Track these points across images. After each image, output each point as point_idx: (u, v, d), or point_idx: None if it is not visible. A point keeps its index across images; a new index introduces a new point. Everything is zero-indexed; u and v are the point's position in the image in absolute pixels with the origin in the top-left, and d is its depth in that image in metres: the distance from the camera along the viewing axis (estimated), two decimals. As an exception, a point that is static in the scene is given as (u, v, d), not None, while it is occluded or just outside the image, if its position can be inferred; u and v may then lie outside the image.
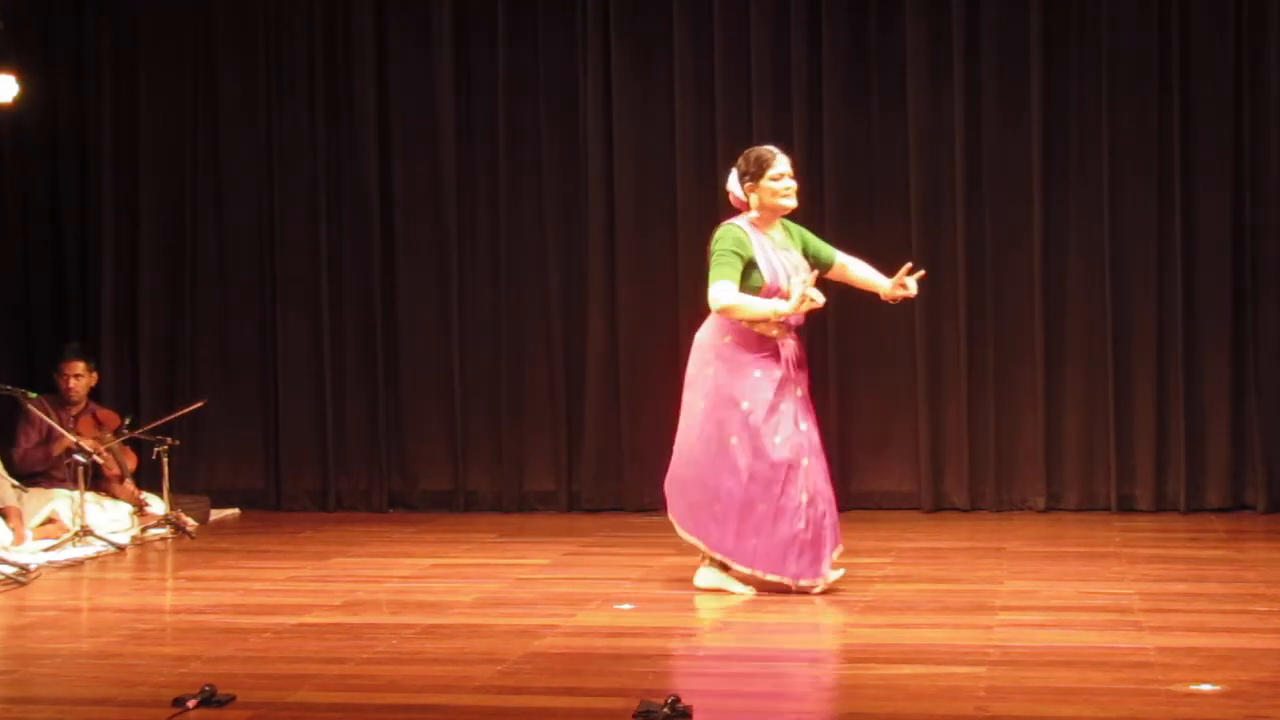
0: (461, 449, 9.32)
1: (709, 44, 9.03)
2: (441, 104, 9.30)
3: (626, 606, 6.30)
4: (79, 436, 8.35)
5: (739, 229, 6.43)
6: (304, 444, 9.48)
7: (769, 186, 6.44)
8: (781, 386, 6.37)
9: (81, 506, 8.01)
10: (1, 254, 9.55)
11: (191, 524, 8.56)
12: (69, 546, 7.86)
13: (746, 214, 6.50)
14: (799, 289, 6.23)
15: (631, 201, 9.14)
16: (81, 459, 8.07)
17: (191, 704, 4.75)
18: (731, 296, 6.29)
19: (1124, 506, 8.71)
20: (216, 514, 9.16)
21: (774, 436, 6.33)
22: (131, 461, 8.83)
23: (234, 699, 4.81)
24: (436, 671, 5.26)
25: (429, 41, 9.33)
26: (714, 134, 9.01)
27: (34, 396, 8.35)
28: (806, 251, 6.58)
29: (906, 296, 6.60)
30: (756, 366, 6.38)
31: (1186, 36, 8.66)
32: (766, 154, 6.48)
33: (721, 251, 6.36)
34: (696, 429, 6.45)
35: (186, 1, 9.59)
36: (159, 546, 8.27)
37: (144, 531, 8.46)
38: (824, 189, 8.80)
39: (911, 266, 6.53)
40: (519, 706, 4.83)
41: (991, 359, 8.87)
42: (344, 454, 9.43)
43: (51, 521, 8.18)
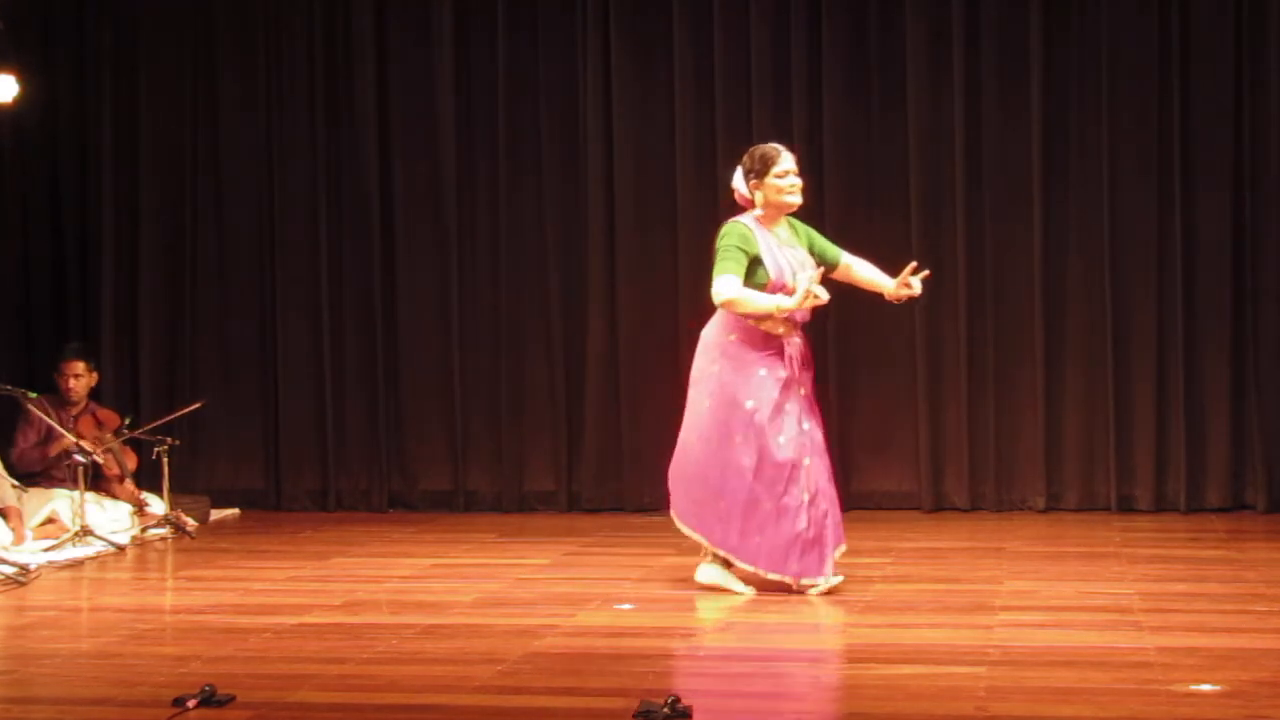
0: (461, 449, 9.32)
1: (709, 44, 9.03)
2: (441, 104, 9.31)
3: (626, 606, 6.30)
4: (79, 436, 8.35)
5: (744, 226, 6.43)
6: (304, 444, 9.48)
7: (774, 184, 6.44)
8: (786, 386, 6.37)
9: (81, 506, 8.02)
10: (1, 254, 9.55)
11: (191, 524, 8.56)
12: (69, 546, 7.86)
13: (752, 211, 6.50)
14: (804, 285, 6.24)
15: (631, 201, 9.14)
16: (82, 459, 8.08)
17: (191, 704, 4.75)
18: (734, 290, 6.29)
19: (1124, 506, 8.71)
20: (216, 514, 9.16)
21: (779, 436, 6.33)
22: (132, 461, 8.83)
23: (234, 699, 4.81)
24: (436, 671, 5.26)
25: (429, 41, 9.33)
26: (714, 134, 9.01)
27: (34, 396, 8.35)
28: (812, 250, 6.58)
29: (911, 296, 6.59)
30: (762, 365, 6.38)
31: (1186, 37, 8.66)
32: (771, 151, 6.49)
33: (726, 247, 6.36)
34: (701, 426, 6.45)
35: (186, 1, 9.59)
36: (159, 546, 8.27)
37: (144, 531, 8.46)
38: (824, 189, 8.79)
39: (916, 266, 6.53)
40: (519, 706, 4.83)
41: (991, 359, 8.87)
42: (344, 454, 9.43)
43: (51, 521, 8.18)
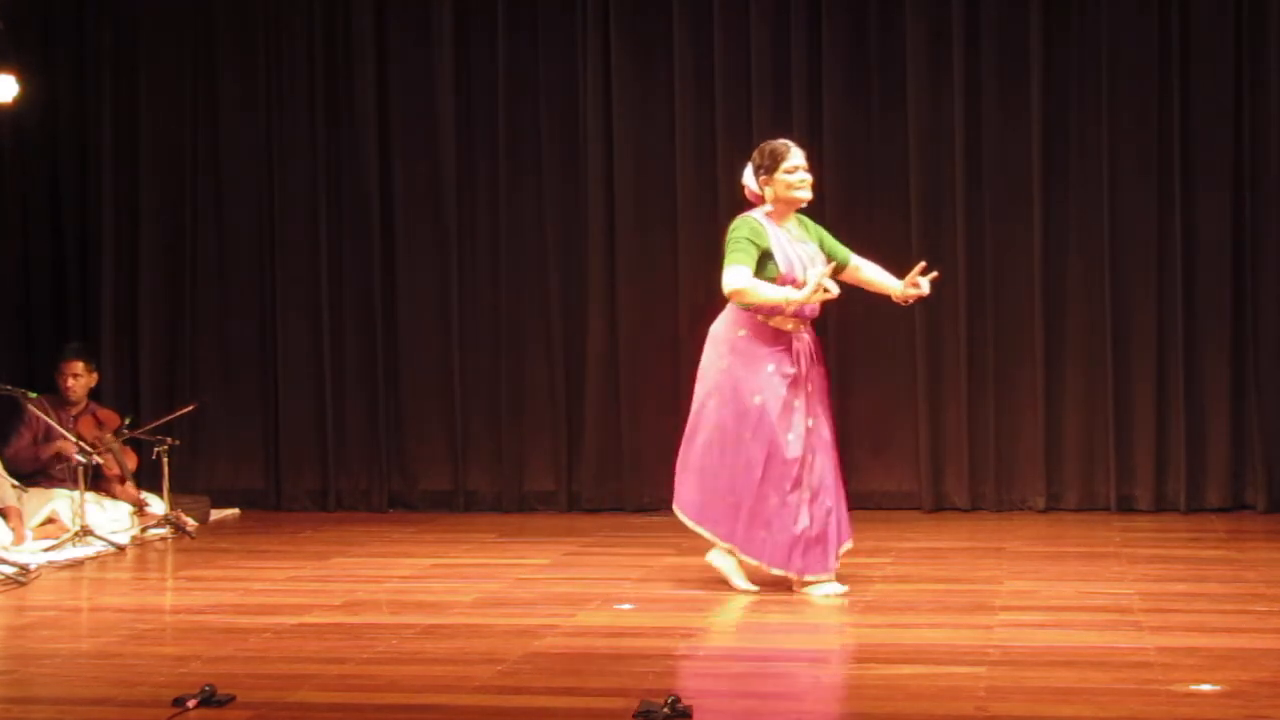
0: (461, 449, 9.32)
1: (709, 44, 9.03)
2: (441, 104, 9.30)
3: (626, 606, 6.30)
4: (79, 436, 8.35)
5: (755, 220, 6.44)
6: (304, 444, 9.48)
7: (783, 179, 6.45)
8: (795, 382, 6.37)
9: (81, 506, 8.01)
10: (1, 254, 9.54)
11: (191, 524, 8.56)
12: (69, 546, 7.86)
13: (762, 207, 6.51)
14: (814, 279, 6.24)
15: (631, 201, 9.14)
16: (82, 459, 8.08)
17: (191, 704, 4.75)
18: (745, 280, 6.29)
19: (1124, 506, 8.71)
20: (216, 514, 9.16)
21: (787, 433, 6.33)
22: (132, 462, 8.83)
23: (234, 699, 4.81)
24: (436, 671, 5.26)
25: (429, 41, 9.33)
26: (714, 134, 9.01)
27: (34, 396, 8.35)
28: (822, 248, 6.58)
29: (920, 296, 6.58)
30: (770, 361, 6.37)
31: (1186, 37, 8.66)
32: (781, 147, 6.50)
33: (737, 239, 6.37)
34: (709, 422, 6.44)
35: (186, 1, 9.59)
36: (159, 546, 8.27)
37: (144, 531, 8.46)
38: (824, 189, 8.74)
39: (925, 266, 6.52)
40: (519, 706, 4.83)
41: (991, 359, 8.87)
42: (344, 454, 9.43)
43: (51, 521, 8.18)
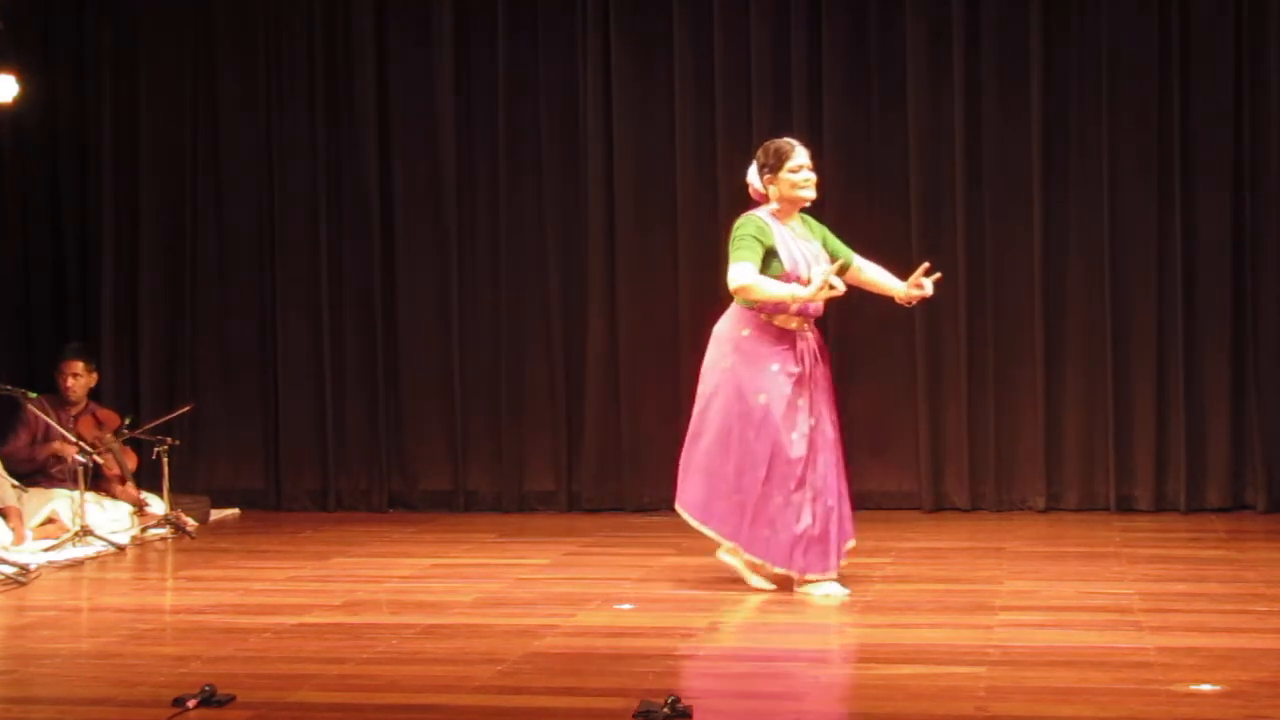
0: (461, 449, 9.32)
1: (709, 44, 9.03)
2: (441, 104, 9.30)
3: (626, 606, 6.30)
4: (79, 436, 8.35)
5: (760, 218, 6.44)
6: (304, 444, 9.48)
7: (788, 178, 6.45)
8: (799, 381, 6.37)
9: (81, 506, 8.01)
10: (1, 254, 9.54)
11: (191, 524, 8.56)
12: (69, 546, 7.86)
13: (767, 205, 6.51)
14: (820, 276, 6.24)
15: (631, 201, 9.14)
16: (82, 459, 8.07)
17: (191, 704, 4.74)
18: (750, 277, 6.29)
19: (1124, 506, 8.71)
20: (216, 514, 9.15)
21: (791, 432, 6.33)
22: (132, 462, 8.83)
23: (234, 699, 4.81)
24: (436, 671, 5.25)
25: (429, 41, 9.33)
26: (714, 134, 9.01)
27: (34, 396, 8.35)
28: (825, 248, 6.58)
29: (923, 297, 6.58)
30: (774, 360, 6.37)
31: (1186, 37, 8.66)
32: (785, 146, 6.50)
33: (742, 236, 6.37)
34: (713, 421, 6.44)
35: (186, 1, 9.59)
36: (159, 546, 8.27)
37: (144, 531, 8.45)
38: (824, 189, 8.70)
39: (929, 267, 6.52)
40: (519, 706, 4.83)
41: (991, 359, 8.87)
42: (344, 454, 9.43)
43: (51, 521, 8.18)
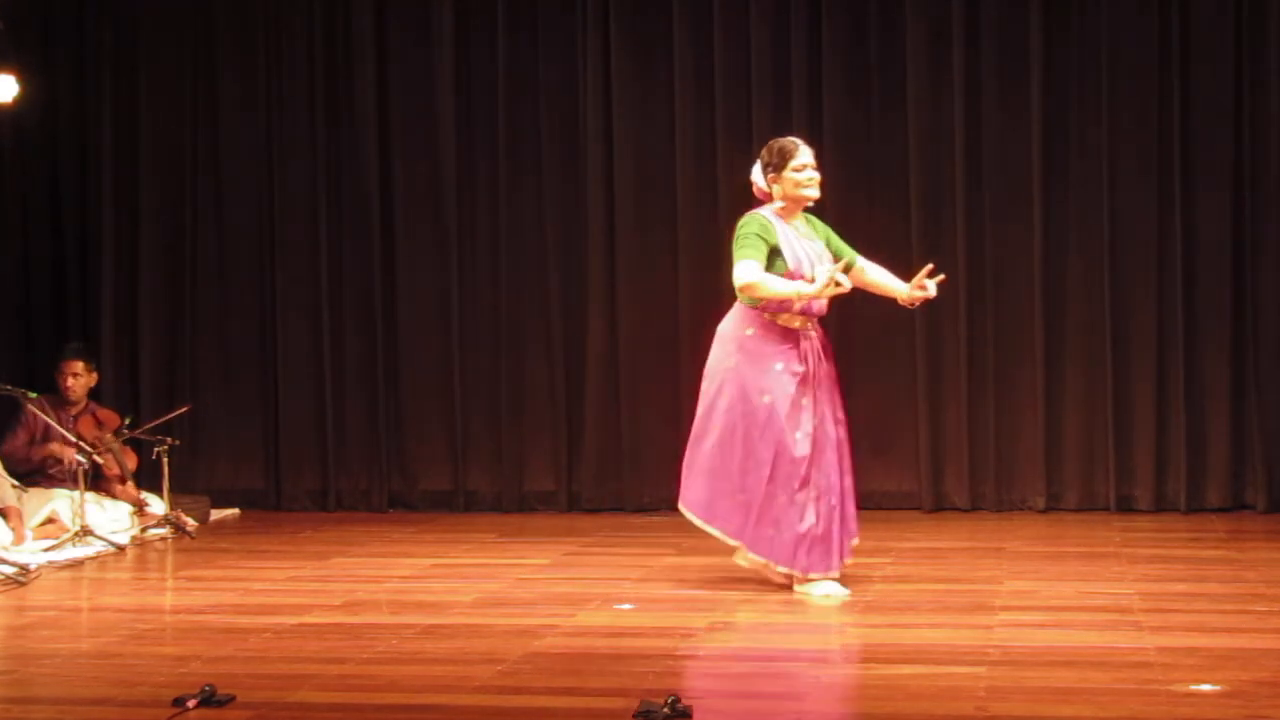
0: (461, 449, 9.32)
1: (709, 44, 9.03)
2: (441, 104, 9.30)
3: (626, 606, 6.30)
4: (79, 436, 8.35)
5: (763, 217, 6.45)
6: (304, 444, 9.48)
7: (791, 177, 6.45)
8: (803, 381, 6.37)
9: (81, 506, 8.02)
10: (1, 254, 9.54)
11: (191, 524, 8.56)
12: (69, 546, 7.86)
13: (770, 204, 6.52)
14: (826, 274, 6.24)
15: (631, 201, 9.14)
16: (82, 459, 8.08)
17: (191, 704, 4.74)
18: (756, 275, 6.29)
19: (1124, 506, 8.71)
20: (216, 514, 9.15)
21: (795, 432, 6.32)
22: (132, 462, 8.83)
23: (234, 699, 4.81)
24: (436, 671, 5.26)
25: (429, 41, 9.33)
26: (714, 134, 9.01)
27: (34, 396, 8.35)
28: (829, 247, 6.58)
29: (926, 299, 6.58)
30: (778, 359, 6.37)
31: (1186, 37, 8.65)
32: (789, 145, 6.50)
33: (746, 235, 6.37)
34: (717, 421, 6.44)
35: (186, 1, 9.59)
36: (159, 546, 8.27)
37: (144, 531, 8.46)
38: (823, 189, 8.75)
39: (933, 268, 6.51)
40: (519, 706, 4.83)
41: (991, 359, 8.87)
42: (344, 454, 9.43)
43: (51, 521, 8.18)
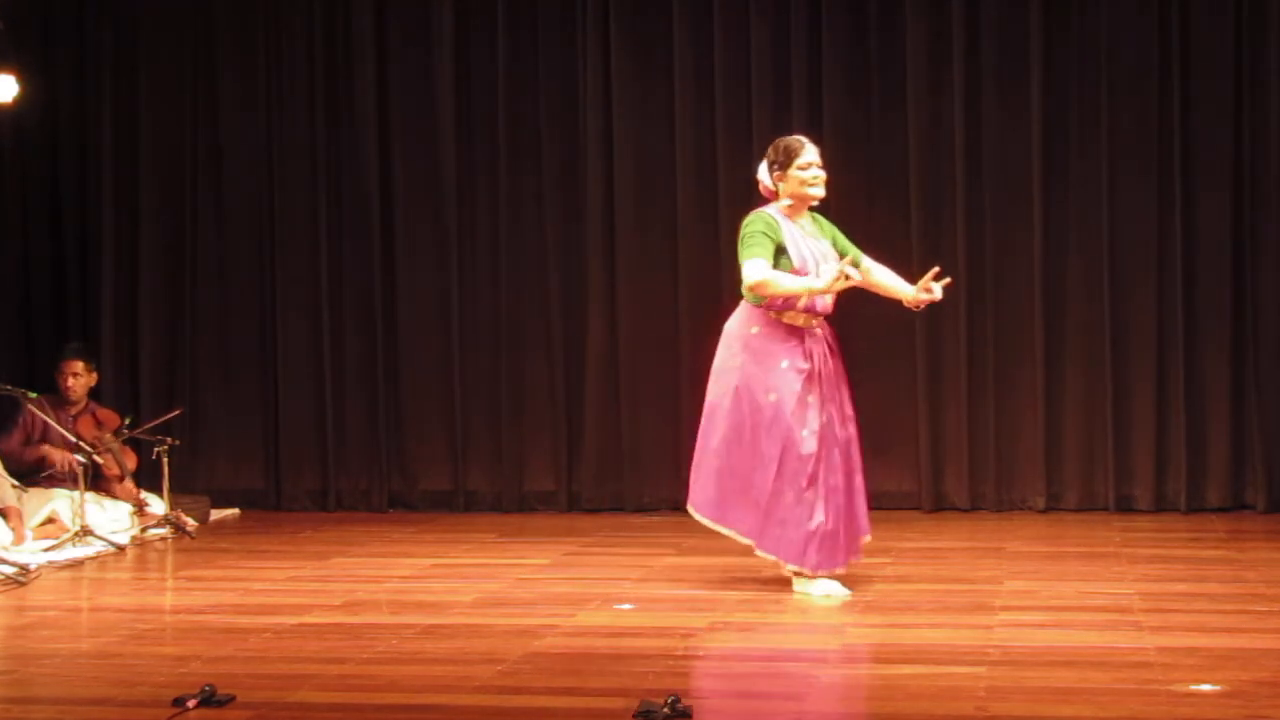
0: (461, 449, 9.32)
1: (709, 44, 9.02)
2: (441, 104, 9.30)
3: (626, 606, 6.30)
4: (79, 436, 8.35)
5: (769, 215, 6.44)
6: (304, 444, 9.48)
7: (797, 176, 6.45)
8: (809, 378, 6.36)
9: (81, 506, 8.02)
10: (1, 254, 9.54)
11: (191, 524, 8.56)
12: (69, 546, 7.86)
13: (776, 203, 6.51)
14: (835, 269, 6.23)
15: (631, 201, 9.14)
16: (82, 460, 8.08)
17: (191, 704, 4.75)
18: (765, 272, 6.28)
19: (1124, 506, 8.71)
20: (216, 514, 9.15)
21: (802, 429, 6.32)
22: (132, 462, 8.83)
23: (234, 699, 4.81)
24: (436, 671, 5.26)
25: (429, 41, 9.33)
26: (714, 134, 9.01)
27: (34, 396, 8.35)
28: (835, 246, 6.58)
29: (932, 301, 6.57)
30: (784, 357, 6.37)
31: (1186, 36, 8.65)
32: (795, 144, 6.50)
33: (752, 233, 6.37)
34: (724, 420, 6.43)
35: (186, 1, 9.59)
36: (159, 546, 8.27)
37: (144, 531, 8.45)
38: (827, 187, 8.76)
39: (939, 271, 6.49)
40: (519, 706, 4.83)
41: (991, 359, 8.87)
42: (344, 454, 9.43)
43: (51, 521, 8.18)
